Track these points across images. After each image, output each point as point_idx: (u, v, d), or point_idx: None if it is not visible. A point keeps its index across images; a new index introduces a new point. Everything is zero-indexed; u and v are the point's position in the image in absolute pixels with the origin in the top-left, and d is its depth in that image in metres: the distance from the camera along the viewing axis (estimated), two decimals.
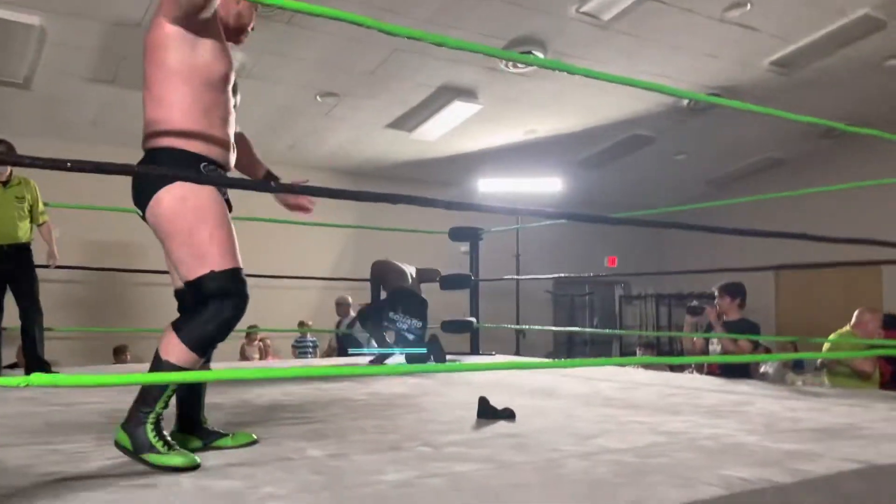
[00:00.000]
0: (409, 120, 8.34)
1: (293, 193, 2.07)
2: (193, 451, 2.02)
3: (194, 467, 1.87)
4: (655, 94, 7.66)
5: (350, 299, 8.20)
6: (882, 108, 8.86)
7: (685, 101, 8.21)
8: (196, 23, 1.99)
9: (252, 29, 2.30)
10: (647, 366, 5.47)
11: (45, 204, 4.75)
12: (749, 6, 6.31)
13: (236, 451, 2.16)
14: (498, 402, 2.86)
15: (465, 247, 7.56)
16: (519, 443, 2.30)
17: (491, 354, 6.28)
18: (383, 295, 5.45)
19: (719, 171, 10.83)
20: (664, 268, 11.20)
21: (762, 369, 6.15)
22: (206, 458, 2.03)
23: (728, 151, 10.13)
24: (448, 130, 8.59)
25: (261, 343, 8.13)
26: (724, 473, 1.83)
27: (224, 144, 2.11)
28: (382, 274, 5.52)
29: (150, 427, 1.90)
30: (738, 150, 10.09)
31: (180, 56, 2.00)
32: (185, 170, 1.99)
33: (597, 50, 6.91)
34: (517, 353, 9.05)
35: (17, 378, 1.34)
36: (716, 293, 5.14)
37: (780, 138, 9.73)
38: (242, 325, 6.91)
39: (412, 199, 2.09)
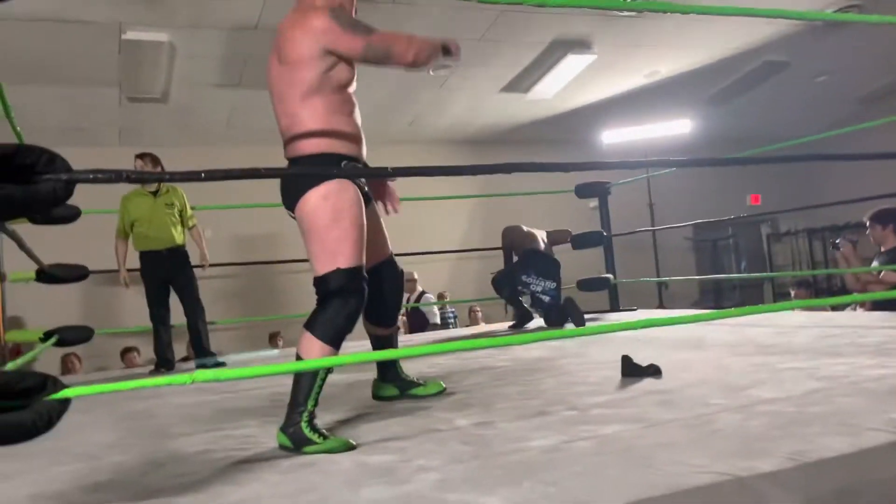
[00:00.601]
0: (523, 81, 8.22)
1: (407, 175, 2.15)
2: (391, 398, 2.62)
3: (350, 448, 1.99)
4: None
5: (416, 275, 8.30)
6: None
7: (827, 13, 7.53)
8: None
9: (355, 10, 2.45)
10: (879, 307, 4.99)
11: (192, 208, 5.11)
12: None
13: (388, 425, 2.26)
14: (642, 359, 2.80)
15: (593, 202, 7.39)
16: (666, 399, 2.25)
17: (633, 310, 6.14)
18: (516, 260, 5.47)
19: (869, 86, 9.89)
20: (815, 199, 10.39)
21: None
22: (361, 435, 2.14)
23: (877, 65, 9.22)
24: (565, 85, 8.39)
25: (403, 317, 8.38)
26: (893, 417, 1.71)
27: (355, 139, 2.27)
28: (513, 239, 5.54)
29: (304, 424, 2.05)
30: (886, 62, 9.17)
31: (317, 73, 2.17)
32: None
33: None
34: (661, 306, 8.80)
35: (184, 376, 1.46)
36: (866, 223, 4.76)
37: None
38: None
39: (524, 166, 2.05)
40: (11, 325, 5.87)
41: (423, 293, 8.57)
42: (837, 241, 4.94)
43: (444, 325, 8.56)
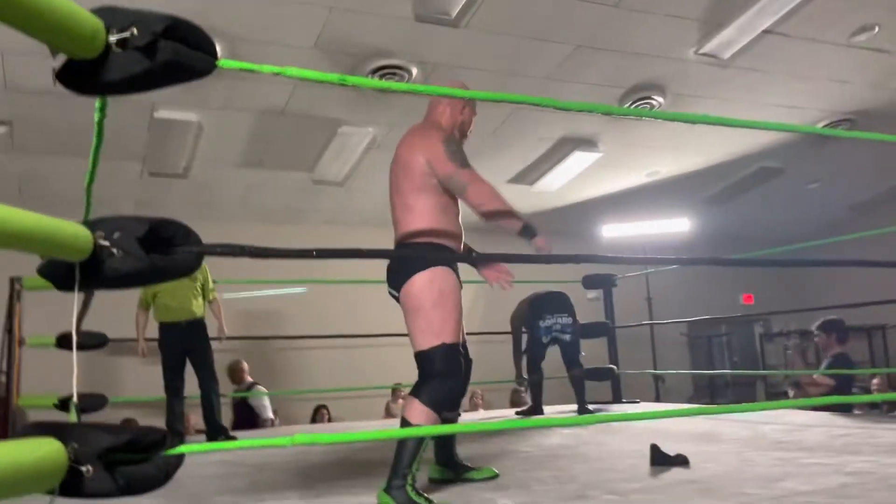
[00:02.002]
0: (530, 173, 8.52)
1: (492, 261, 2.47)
2: (447, 481, 2.65)
3: None
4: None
5: (245, 365, 7.47)
6: None
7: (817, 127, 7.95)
8: None
9: (471, 132, 2.89)
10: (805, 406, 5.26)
11: (215, 281, 5.22)
12: (877, 29, 6.13)
13: None
14: (667, 450, 2.88)
15: (592, 294, 7.57)
16: (702, 488, 2.33)
17: (635, 402, 6.21)
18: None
19: (858, 196, 10.31)
20: (807, 301, 10.61)
21: None
22: None
23: (866, 176, 9.64)
24: (569, 180, 8.69)
25: (403, 401, 8.38)
26: None
27: (457, 237, 2.61)
28: (518, 315, 5.63)
29: (409, 488, 2.25)
30: (876, 173, 9.59)
31: (432, 177, 2.52)
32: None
33: (718, 89, 6.87)
34: (657, 400, 8.85)
35: (285, 438, 1.54)
36: (814, 332, 5.20)
37: None
38: (387, 383, 7.11)
39: (555, 258, 2.24)
40: None
41: (253, 384, 7.32)
42: (789, 346, 5.37)
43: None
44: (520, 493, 2.40)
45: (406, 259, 2.48)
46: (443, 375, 2.37)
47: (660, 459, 2.80)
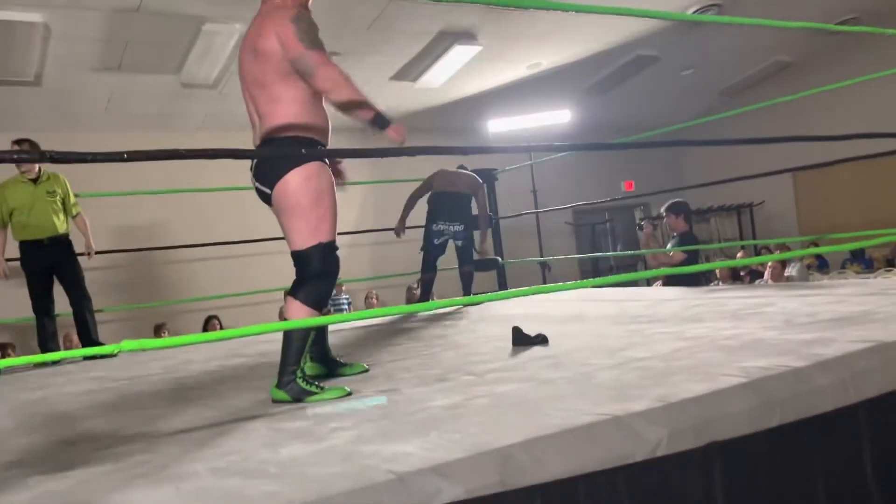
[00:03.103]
0: (412, 70, 8.37)
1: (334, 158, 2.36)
2: (319, 377, 2.57)
3: (348, 394, 2.29)
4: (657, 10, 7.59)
5: None
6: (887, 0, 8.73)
7: (688, 12, 8.13)
8: None
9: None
10: (668, 282, 5.67)
11: (76, 195, 4.94)
12: None
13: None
14: (530, 332, 3.03)
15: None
16: (553, 363, 2.48)
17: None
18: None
19: (728, 80, 10.73)
20: (683, 184, 11.20)
21: (787, 272, 6.28)
22: (270, 407, 2.24)
23: (735, 60, 10.02)
24: (452, 75, 8.61)
25: None
26: (744, 365, 2.00)
27: (327, 129, 2.49)
28: (419, 192, 5.62)
29: (300, 379, 2.32)
30: (744, 57, 9.98)
31: (288, 63, 2.33)
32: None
33: None
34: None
35: (112, 346, 1.52)
36: (663, 213, 5.54)
37: (787, 41, 9.60)
38: (278, 287, 7.03)
39: (428, 150, 2.24)
40: None
41: None
42: (642, 222, 5.70)
43: (338, 310, 8.62)
44: (383, 382, 2.48)
45: (278, 156, 2.36)
46: (320, 274, 2.38)
47: (521, 340, 2.95)
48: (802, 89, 5.68)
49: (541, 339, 2.93)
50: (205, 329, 7.89)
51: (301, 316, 2.34)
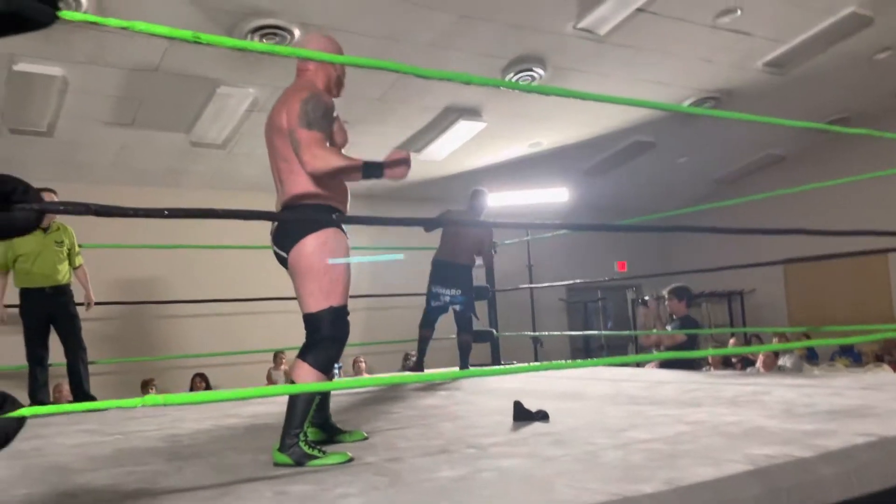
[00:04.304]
0: (416, 141, 8.56)
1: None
2: (320, 442, 2.54)
3: (350, 460, 2.30)
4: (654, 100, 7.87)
5: None
6: (875, 100, 9.08)
7: (684, 104, 8.41)
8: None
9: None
10: (663, 364, 5.68)
11: (80, 246, 4.97)
12: (739, 12, 6.53)
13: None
14: (529, 407, 3.04)
15: (479, 260, 7.76)
16: (556, 440, 2.49)
17: (511, 363, 6.46)
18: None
19: (722, 170, 11.02)
20: (674, 268, 11.36)
21: (780, 362, 6.33)
22: (273, 469, 2.23)
23: (729, 151, 10.32)
24: (455, 149, 8.80)
25: (286, 366, 8.31)
26: (749, 452, 2.02)
27: (345, 194, 2.59)
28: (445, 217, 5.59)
29: (302, 443, 2.33)
30: (738, 149, 10.28)
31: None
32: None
33: (595, 63, 7.14)
34: (535, 361, 9.22)
35: (135, 399, 1.53)
36: (665, 295, 5.63)
37: (780, 136, 9.91)
38: (268, 348, 7.02)
39: (426, 222, 2.31)
40: None
41: None
42: (646, 299, 5.79)
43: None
44: (385, 451, 2.47)
45: (296, 221, 2.47)
46: (331, 338, 2.42)
47: (522, 415, 2.95)
48: (794, 182, 5.89)
49: (542, 416, 2.94)
50: (191, 387, 7.79)
51: (309, 379, 2.37)
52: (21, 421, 1.36)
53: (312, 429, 2.67)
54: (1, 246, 4.65)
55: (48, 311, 4.58)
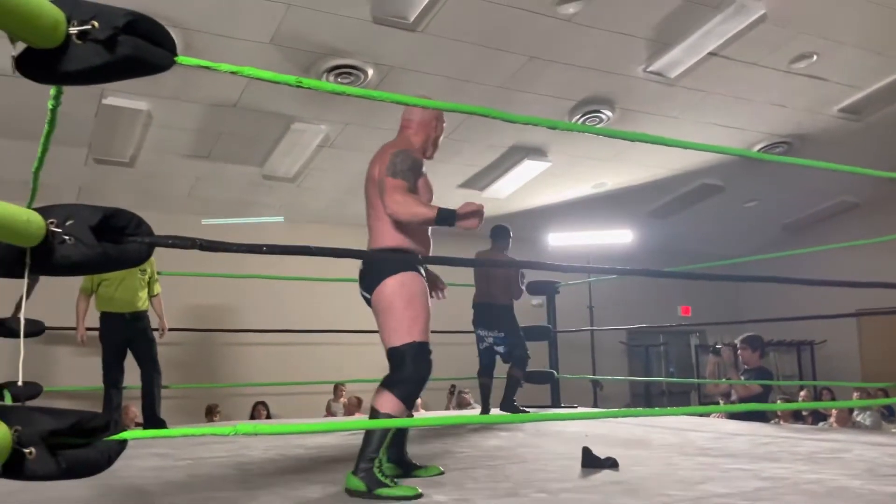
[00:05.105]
0: (480, 179, 8.63)
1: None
2: (396, 477, 2.60)
3: (419, 496, 2.37)
4: (724, 145, 7.77)
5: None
6: None
7: (755, 150, 8.28)
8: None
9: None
10: (732, 415, 5.54)
11: (159, 273, 5.16)
12: (815, 57, 6.44)
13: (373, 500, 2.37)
14: (596, 454, 2.99)
15: (537, 300, 7.72)
16: (628, 489, 2.44)
17: (573, 407, 6.36)
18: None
19: (792, 216, 10.75)
20: (740, 315, 11.09)
21: (857, 418, 6.07)
22: (342, 498, 2.25)
23: (800, 197, 10.08)
24: (518, 187, 8.84)
25: (345, 399, 8.37)
26: None
27: (427, 243, 2.78)
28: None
29: (376, 469, 2.43)
30: (810, 195, 10.03)
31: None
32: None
33: (664, 105, 7.11)
34: (594, 405, 9.06)
35: (228, 427, 1.58)
36: (738, 344, 5.45)
37: (854, 183, 9.64)
38: (328, 380, 7.05)
39: (491, 263, 2.32)
40: None
41: None
42: (718, 347, 5.68)
43: None
44: (454, 491, 2.47)
45: (378, 263, 2.65)
46: (414, 372, 2.53)
47: (590, 461, 2.90)
48: (868, 231, 5.71)
49: (611, 463, 2.88)
50: (252, 415, 7.91)
51: (390, 407, 2.47)
52: (123, 444, 1.41)
53: (389, 464, 2.73)
54: None
55: (127, 335, 4.75)
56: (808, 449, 3.42)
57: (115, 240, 1.42)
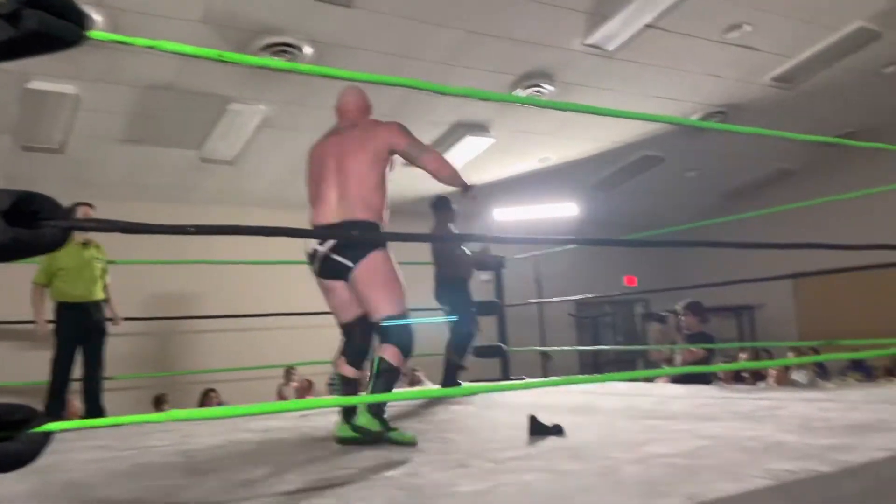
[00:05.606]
0: None
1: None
2: (350, 440, 2.90)
3: (415, 444, 2.78)
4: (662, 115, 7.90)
5: None
6: (884, 114, 9.08)
7: (692, 119, 8.43)
8: None
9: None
10: (675, 379, 5.68)
11: (110, 262, 5.01)
12: (746, 27, 6.56)
13: (317, 474, 2.36)
14: (543, 421, 3.03)
15: (486, 276, 7.76)
16: (574, 454, 2.48)
17: (521, 378, 6.44)
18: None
19: (730, 184, 11.01)
20: (682, 282, 11.31)
21: (793, 376, 6.29)
22: (291, 481, 2.23)
23: (737, 166, 10.32)
24: (463, 164, 8.83)
25: (297, 383, 8.29)
26: (770, 467, 2.01)
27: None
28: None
29: (384, 416, 2.85)
30: (746, 163, 10.28)
31: (385, 167, 3.05)
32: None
33: (603, 78, 7.17)
34: (544, 377, 9.19)
35: (162, 414, 1.54)
36: (680, 310, 5.66)
37: (788, 150, 9.92)
38: (279, 363, 6.99)
39: (437, 238, 2.33)
40: None
41: None
42: (663, 314, 5.84)
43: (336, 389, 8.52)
44: (404, 465, 2.47)
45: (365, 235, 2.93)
46: (410, 335, 2.87)
47: (537, 429, 2.94)
48: (803, 196, 5.88)
49: (557, 430, 2.93)
50: (202, 402, 7.79)
51: (397, 360, 2.84)
52: (48, 436, 1.37)
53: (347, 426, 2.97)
54: (43, 260, 4.64)
55: (86, 326, 4.60)
56: (746, 408, 3.53)
57: (28, 224, 1.36)
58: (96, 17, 5.06)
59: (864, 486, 1.90)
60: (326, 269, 2.95)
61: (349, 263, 2.85)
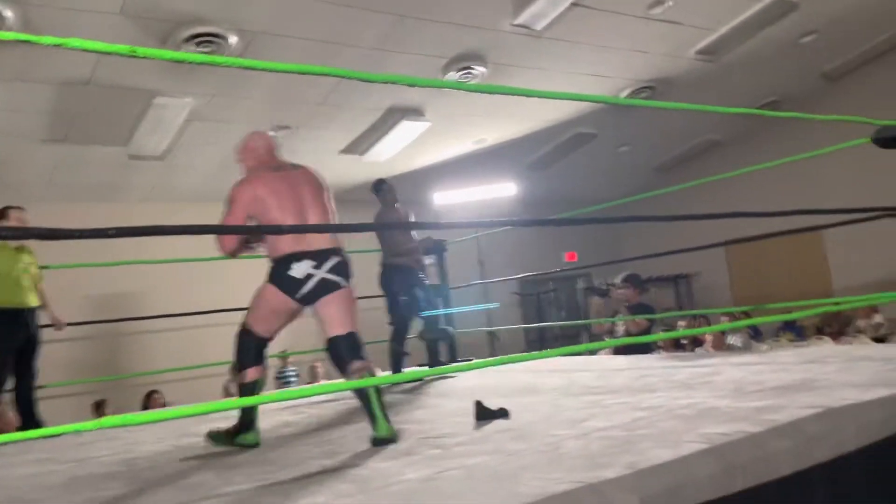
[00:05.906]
0: (360, 144, 8.53)
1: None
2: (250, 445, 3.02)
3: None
4: (593, 93, 8.01)
5: None
6: (803, 83, 9.42)
7: (622, 96, 8.58)
8: None
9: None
10: (618, 350, 5.81)
11: (43, 267, 4.82)
12: (669, 2, 6.69)
13: (263, 474, 2.34)
14: (489, 405, 3.07)
15: (430, 259, 7.78)
16: (518, 435, 2.53)
17: (469, 360, 6.49)
18: None
19: (662, 157, 11.27)
20: (621, 255, 11.56)
21: (729, 341, 6.50)
22: (238, 482, 2.21)
23: (667, 139, 10.57)
24: (399, 150, 8.80)
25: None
26: (704, 432, 2.09)
27: None
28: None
29: None
30: (676, 136, 10.54)
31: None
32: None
33: (533, 58, 7.22)
34: (492, 356, 9.30)
35: (92, 422, 1.50)
36: (618, 283, 5.80)
37: (716, 122, 10.19)
38: (222, 361, 6.85)
39: (380, 227, 2.31)
40: None
41: None
42: (602, 288, 5.99)
43: (286, 383, 8.46)
44: (348, 456, 2.48)
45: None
46: (361, 346, 2.97)
47: (483, 414, 2.98)
48: (732, 166, 6.05)
49: (503, 413, 2.97)
50: (145, 404, 7.62)
51: (370, 366, 2.91)
52: None
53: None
54: None
55: (25, 334, 4.42)
56: (683, 376, 3.64)
57: None
58: (7, 13, 4.84)
59: (791, 443, 1.99)
60: (314, 292, 2.90)
61: (343, 282, 2.96)
